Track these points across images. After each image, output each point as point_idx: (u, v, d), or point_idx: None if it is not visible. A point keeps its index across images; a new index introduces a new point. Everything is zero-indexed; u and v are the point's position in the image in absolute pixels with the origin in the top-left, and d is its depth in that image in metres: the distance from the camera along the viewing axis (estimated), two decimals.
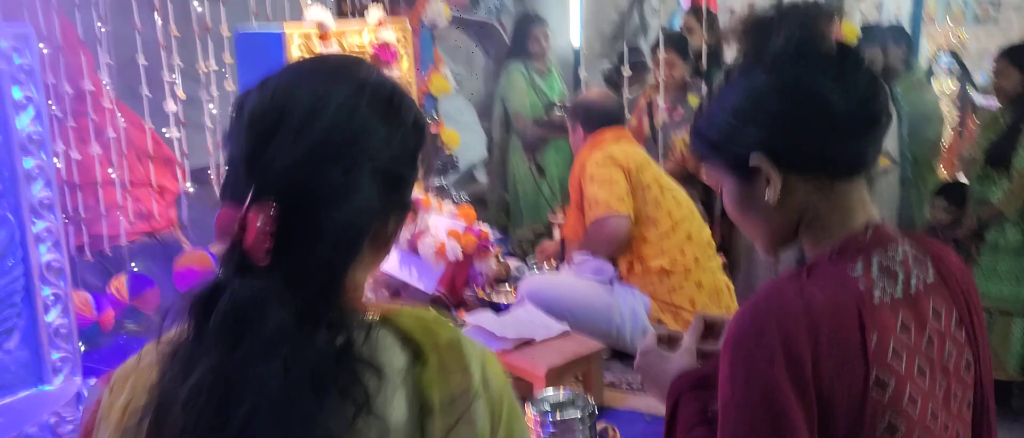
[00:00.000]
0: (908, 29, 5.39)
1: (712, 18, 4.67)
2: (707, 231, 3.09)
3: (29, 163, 2.40)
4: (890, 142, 4.35)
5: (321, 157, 0.95)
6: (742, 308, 1.17)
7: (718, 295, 2.98)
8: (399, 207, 1.04)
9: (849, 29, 3.65)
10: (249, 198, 0.93)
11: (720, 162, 1.24)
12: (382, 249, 1.05)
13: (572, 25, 6.20)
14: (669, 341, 1.45)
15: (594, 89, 3.47)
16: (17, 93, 2.36)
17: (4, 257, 2.37)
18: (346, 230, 0.96)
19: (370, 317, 0.99)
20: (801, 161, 1.18)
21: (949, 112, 5.59)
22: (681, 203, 3.02)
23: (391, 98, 1.03)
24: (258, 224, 0.92)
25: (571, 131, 3.28)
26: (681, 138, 4.14)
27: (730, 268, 3.62)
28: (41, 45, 2.85)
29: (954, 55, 5.72)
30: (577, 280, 3.00)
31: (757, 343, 1.12)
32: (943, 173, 5.27)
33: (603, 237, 2.96)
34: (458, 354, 1.02)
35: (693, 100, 4.22)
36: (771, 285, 1.19)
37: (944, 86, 5.69)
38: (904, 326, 1.15)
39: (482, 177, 6.52)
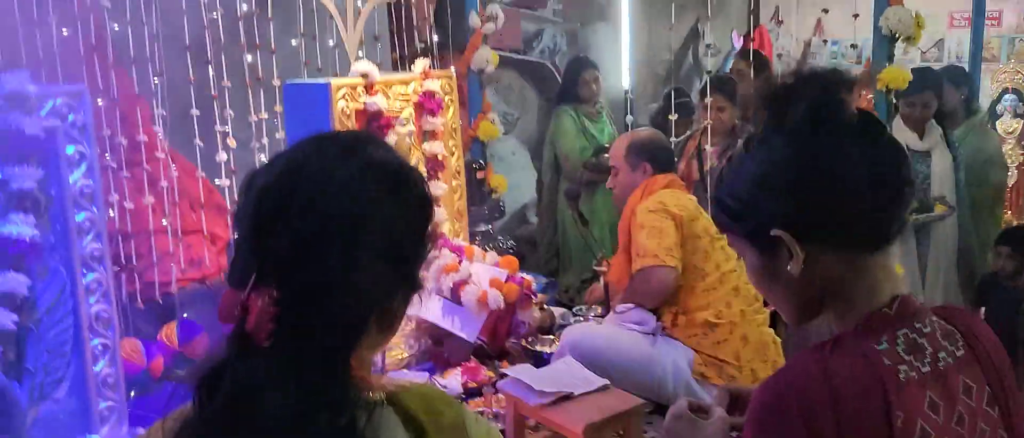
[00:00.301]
0: (968, 69, 5.26)
1: (763, 62, 4.64)
2: None
3: (81, 216, 2.48)
4: (946, 187, 4.23)
5: (324, 240, 0.95)
6: (765, 383, 1.15)
7: (764, 349, 2.91)
8: (406, 286, 1.04)
9: (898, 74, 3.57)
10: (251, 282, 0.94)
11: (741, 233, 1.22)
12: (389, 328, 1.04)
13: (623, 66, 6.20)
14: (700, 410, 1.42)
15: (644, 130, 3.43)
16: (71, 149, 2.44)
17: (55, 309, 2.44)
18: (350, 312, 0.96)
19: (374, 396, 0.99)
20: (823, 234, 1.15)
21: (1013, 152, 5.42)
22: (730, 255, 2.96)
23: (397, 175, 1.03)
24: (259, 308, 0.92)
25: (625, 172, 3.19)
26: None
27: (780, 320, 3.55)
28: (98, 100, 2.96)
29: (1018, 93, 5.54)
30: (619, 331, 2.96)
31: (779, 421, 1.09)
32: (1008, 217, 5.10)
33: (648, 288, 2.92)
34: (461, 435, 1.01)
35: None
36: (795, 359, 1.16)
37: (1008, 126, 5.52)
38: (933, 404, 1.11)
39: (533, 218, 6.52)
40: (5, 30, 2.76)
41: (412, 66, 3.61)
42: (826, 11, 4.41)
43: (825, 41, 7.04)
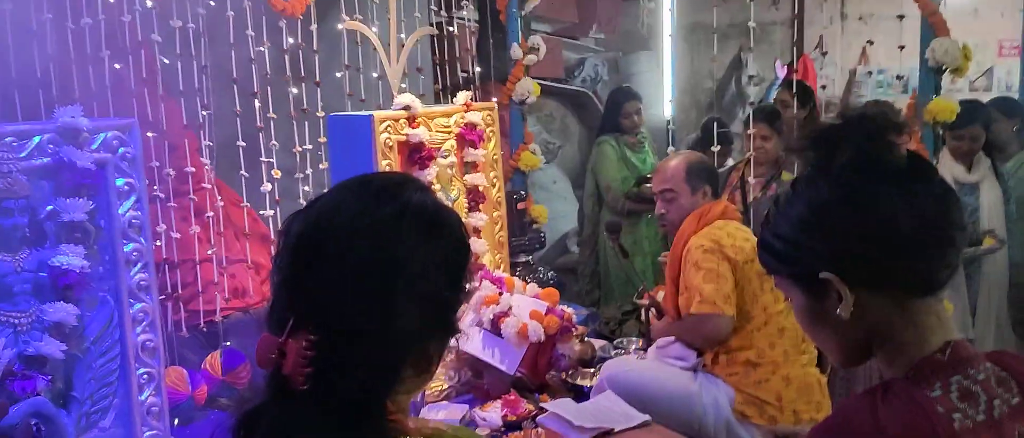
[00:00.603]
0: (1018, 98, 5.15)
1: (807, 93, 4.59)
2: None
3: (129, 247, 2.53)
4: (996, 220, 4.14)
5: (359, 285, 0.97)
6: (815, 430, 1.13)
7: (808, 391, 2.84)
8: (441, 330, 1.04)
9: (945, 106, 3.51)
10: (289, 327, 0.95)
11: (788, 275, 1.21)
12: (425, 371, 1.05)
13: (665, 96, 6.18)
14: None
15: (690, 152, 3.30)
16: (120, 182, 2.50)
17: (103, 338, 2.49)
18: (385, 357, 0.97)
19: None
20: (871, 278, 1.13)
21: None
22: (778, 297, 2.87)
23: (434, 220, 1.04)
24: (296, 352, 0.94)
25: (685, 195, 3.03)
26: None
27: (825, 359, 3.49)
28: (149, 133, 3.02)
29: None
30: (659, 366, 2.93)
31: None
32: None
33: (702, 333, 2.86)
34: None
35: (787, 177, 4.13)
36: (846, 406, 1.14)
37: None
38: None
39: (574, 247, 6.50)
40: (60, 64, 2.84)
41: (454, 97, 3.64)
42: (871, 42, 4.37)
43: (870, 72, 6.96)
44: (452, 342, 1.08)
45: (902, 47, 3.69)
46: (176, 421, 2.92)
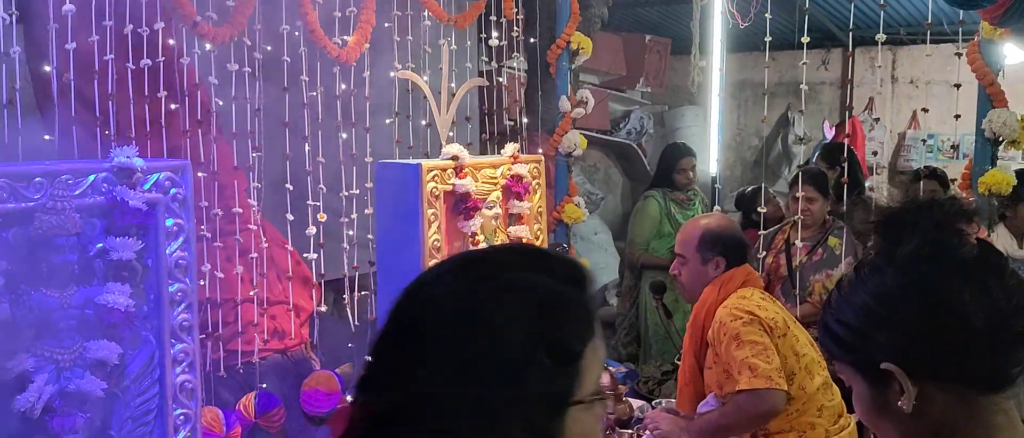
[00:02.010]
0: None
1: (853, 157, 4.54)
2: (838, 396, 2.82)
3: (174, 287, 2.54)
4: None
5: (417, 359, 0.94)
6: None
7: None
8: (529, 416, 0.95)
9: (1001, 178, 3.43)
10: (360, 391, 0.96)
11: (849, 362, 1.17)
12: None
13: (711, 153, 6.15)
14: None
15: (716, 217, 3.16)
16: (170, 222, 2.52)
17: (142, 377, 2.49)
18: (436, 433, 0.94)
19: None
20: (936, 372, 1.09)
21: None
22: (814, 374, 2.75)
23: (543, 305, 0.97)
24: (354, 417, 0.95)
25: (694, 263, 2.90)
26: (820, 282, 3.96)
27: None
28: (200, 172, 3.05)
29: None
30: None
31: None
32: None
33: (759, 411, 2.63)
34: None
35: (834, 242, 4.05)
36: None
37: None
38: None
39: (613, 299, 6.44)
40: (118, 103, 2.89)
41: (501, 146, 3.63)
42: (926, 110, 4.31)
43: (924, 139, 6.87)
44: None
45: (958, 116, 3.62)
46: None
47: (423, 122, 3.92)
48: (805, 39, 3.71)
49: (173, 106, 3.06)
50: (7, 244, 2.21)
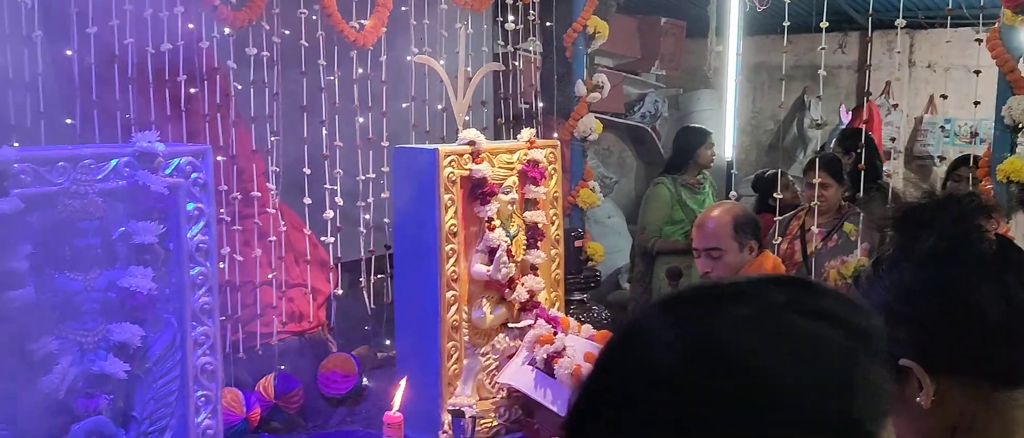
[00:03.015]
0: None
1: (870, 142, 4.52)
2: None
3: (195, 271, 2.57)
4: None
5: (592, 414, 0.74)
6: None
7: None
8: None
9: (1020, 165, 3.41)
10: None
11: None
12: None
13: (726, 136, 6.14)
14: None
15: (733, 204, 3.15)
16: (191, 206, 2.55)
17: (164, 359, 2.53)
18: None
19: None
20: (954, 367, 1.10)
21: None
22: None
23: (837, 370, 0.71)
24: None
25: (732, 252, 2.89)
26: (835, 268, 3.96)
27: None
28: (219, 156, 3.08)
29: None
30: None
31: None
32: None
33: None
34: None
35: (849, 228, 4.05)
36: None
37: None
38: None
39: (626, 283, 6.45)
40: (138, 87, 2.91)
41: (515, 130, 3.64)
42: (945, 96, 4.29)
43: (943, 126, 6.82)
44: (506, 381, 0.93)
45: (977, 103, 3.60)
46: None
47: (439, 106, 3.93)
48: (824, 24, 3.69)
49: (193, 90, 3.08)
50: (32, 227, 2.24)
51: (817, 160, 4.03)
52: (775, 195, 3.95)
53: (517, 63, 4.42)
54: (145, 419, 2.49)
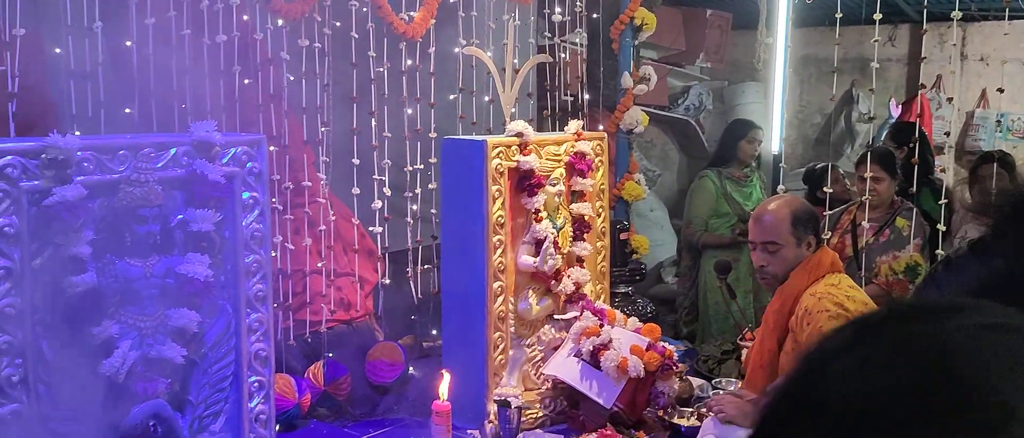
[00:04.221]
0: None
1: (923, 136, 4.44)
2: None
3: (249, 258, 2.62)
4: None
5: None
6: None
7: None
8: None
9: None
10: None
11: None
12: None
13: (773, 129, 6.08)
14: None
15: (791, 197, 3.08)
16: (246, 195, 2.59)
17: (219, 345, 2.57)
18: None
19: None
20: None
21: None
22: None
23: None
24: None
25: (790, 248, 2.81)
26: (887, 263, 3.91)
27: None
28: (271, 146, 3.12)
29: None
30: None
31: None
32: None
33: None
34: None
35: (902, 223, 3.99)
36: None
37: None
38: None
39: (669, 277, 6.42)
40: (194, 78, 2.96)
41: (560, 123, 3.63)
42: (1001, 90, 4.20)
43: (998, 120, 6.68)
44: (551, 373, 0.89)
45: None
46: (277, 428, 2.99)
47: (486, 98, 3.95)
48: (877, 16, 3.64)
49: (247, 81, 3.13)
50: (94, 214, 2.30)
51: (869, 153, 3.97)
52: (825, 189, 3.90)
53: (564, 55, 4.42)
54: (200, 403, 2.54)
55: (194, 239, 2.46)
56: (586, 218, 3.48)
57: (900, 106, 6.80)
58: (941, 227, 3.59)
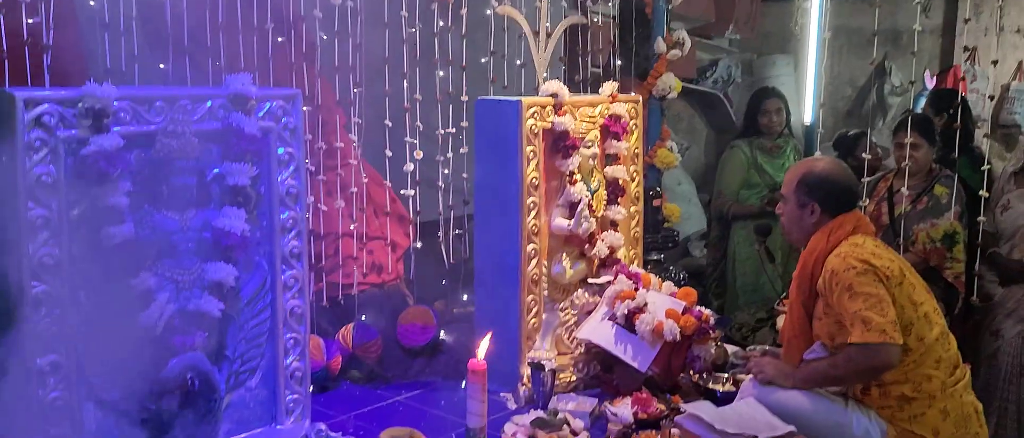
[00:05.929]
0: None
1: (947, 99, 4.36)
2: (954, 346, 2.71)
3: (285, 215, 2.59)
4: None
5: None
6: None
7: (966, 422, 2.62)
8: None
9: None
10: None
11: None
12: None
13: (806, 101, 5.99)
14: None
15: (824, 161, 3.02)
16: (281, 151, 2.56)
17: (256, 301, 2.56)
18: None
19: None
20: None
21: None
22: (933, 323, 2.65)
23: None
24: None
25: (792, 205, 2.83)
26: (924, 231, 3.84)
27: (974, 371, 3.27)
28: (304, 106, 3.09)
29: None
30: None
31: None
32: None
33: (871, 365, 2.56)
34: None
35: (940, 191, 3.91)
36: None
37: None
38: None
39: (696, 251, 6.36)
40: (228, 34, 2.93)
41: (590, 88, 3.57)
42: None
43: None
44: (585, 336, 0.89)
45: None
46: (310, 388, 2.98)
47: (517, 62, 3.90)
48: None
49: (280, 39, 3.09)
50: (131, 166, 2.28)
51: (908, 120, 3.89)
52: (863, 155, 3.82)
53: (596, 19, 4.36)
54: (237, 358, 2.53)
55: (230, 193, 2.44)
56: (621, 181, 3.43)
57: (934, 77, 6.68)
58: (983, 193, 3.52)
